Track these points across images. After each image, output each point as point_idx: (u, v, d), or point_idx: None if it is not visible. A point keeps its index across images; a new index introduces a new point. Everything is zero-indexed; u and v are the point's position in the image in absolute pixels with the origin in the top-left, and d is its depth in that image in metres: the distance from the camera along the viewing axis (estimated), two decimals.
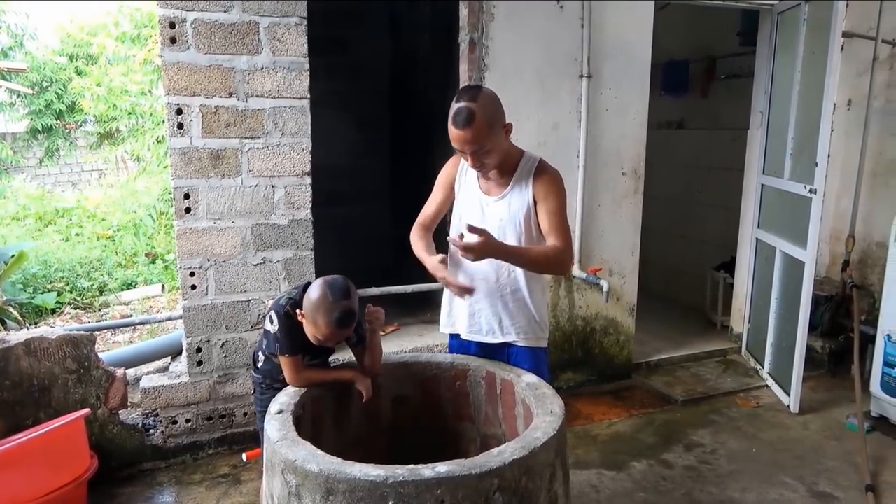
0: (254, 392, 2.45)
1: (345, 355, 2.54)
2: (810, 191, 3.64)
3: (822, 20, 3.63)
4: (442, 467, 1.62)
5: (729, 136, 5.20)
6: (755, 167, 4.48)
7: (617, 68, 3.88)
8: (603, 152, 3.94)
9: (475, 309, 2.36)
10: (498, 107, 2.15)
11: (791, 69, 3.95)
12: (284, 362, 2.17)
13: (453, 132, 2.08)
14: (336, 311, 2.04)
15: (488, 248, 2.03)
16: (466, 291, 2.21)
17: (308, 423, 2.09)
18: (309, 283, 2.21)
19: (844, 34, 4.10)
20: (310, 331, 2.13)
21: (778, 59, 4.19)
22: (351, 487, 1.59)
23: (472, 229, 2.01)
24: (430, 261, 2.24)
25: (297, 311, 2.14)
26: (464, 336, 2.43)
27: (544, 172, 2.25)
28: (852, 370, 3.87)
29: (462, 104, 2.06)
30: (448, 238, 2.11)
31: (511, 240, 2.24)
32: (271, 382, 2.32)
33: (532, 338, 2.36)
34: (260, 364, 2.37)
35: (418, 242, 2.36)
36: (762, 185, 4.38)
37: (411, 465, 1.62)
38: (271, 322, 2.18)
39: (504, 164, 2.25)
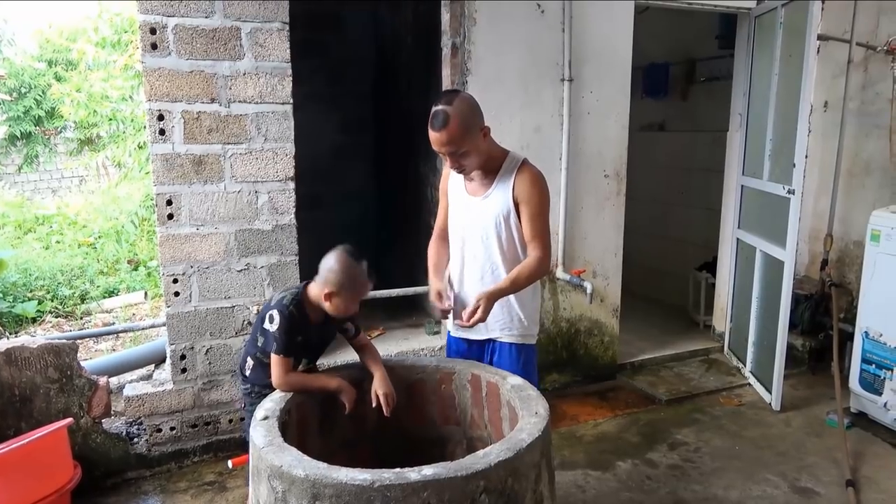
0: (244, 406, 2.44)
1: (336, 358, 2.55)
2: (789, 191, 3.69)
3: (797, 24, 3.70)
4: (428, 470, 1.63)
5: (709, 138, 5.27)
6: (735, 168, 4.54)
7: (598, 71, 3.91)
8: (585, 155, 3.97)
9: (460, 308, 2.43)
10: (474, 110, 2.21)
11: (769, 72, 4.01)
12: (275, 361, 2.19)
13: (431, 134, 2.18)
14: (363, 269, 2.24)
15: (489, 304, 2.20)
16: (445, 314, 2.43)
17: (294, 429, 2.09)
18: (303, 284, 2.31)
19: (820, 37, 4.17)
20: (342, 302, 2.21)
21: (756, 62, 4.25)
22: (337, 492, 1.60)
23: (470, 314, 2.18)
24: (432, 285, 2.46)
25: (325, 291, 2.19)
26: (453, 334, 2.54)
27: (525, 172, 2.30)
28: (832, 367, 3.94)
29: (438, 107, 2.15)
30: (455, 322, 2.34)
31: (492, 239, 2.34)
32: (261, 390, 2.32)
33: (516, 335, 2.43)
34: (248, 372, 2.37)
35: (431, 258, 2.58)
36: (742, 185, 4.44)
37: (397, 469, 1.63)
38: (271, 321, 2.21)
39: (487, 165, 2.31)
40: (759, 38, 4.20)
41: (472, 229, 2.38)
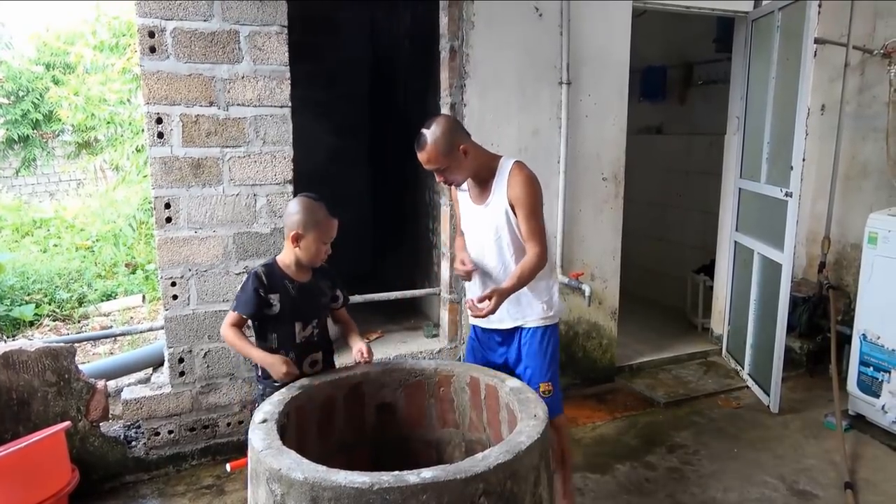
0: (256, 405, 2.44)
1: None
2: (786, 194, 3.70)
3: (795, 27, 3.71)
4: (427, 473, 1.63)
5: (706, 141, 5.28)
6: (732, 171, 4.55)
7: (596, 75, 3.92)
8: (583, 158, 3.98)
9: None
10: (451, 131, 2.41)
11: (766, 75, 4.02)
12: (229, 316, 2.30)
13: (417, 154, 2.42)
14: (323, 204, 2.29)
15: (501, 298, 2.37)
16: (467, 275, 2.59)
17: (292, 432, 2.09)
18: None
19: (817, 41, 4.19)
20: (310, 243, 2.26)
21: (753, 66, 4.27)
22: (336, 495, 1.60)
23: (480, 300, 2.37)
24: (457, 255, 2.69)
25: (292, 235, 2.25)
26: (483, 326, 2.70)
27: (514, 176, 2.46)
28: (830, 370, 3.94)
29: (421, 131, 2.40)
30: (467, 306, 2.46)
31: (499, 242, 2.52)
32: (270, 390, 2.32)
33: (537, 319, 2.61)
34: (261, 370, 2.37)
35: (458, 242, 2.79)
36: (739, 188, 4.45)
37: (396, 472, 1.63)
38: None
39: (481, 175, 2.51)
40: (757, 41, 4.22)
41: (481, 235, 2.57)
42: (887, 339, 3.56)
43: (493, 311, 2.35)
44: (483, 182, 2.52)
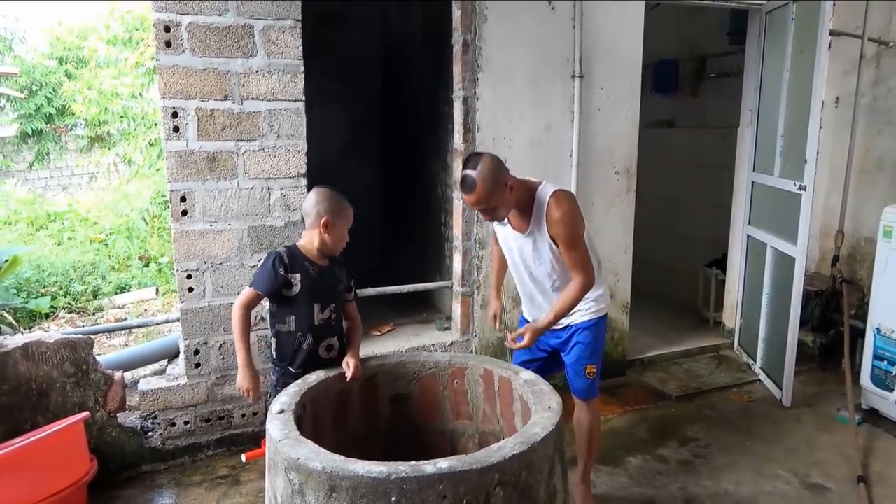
0: (270, 395, 2.47)
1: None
2: (800, 187, 3.68)
3: (809, 19, 3.68)
4: (443, 463, 1.65)
5: (719, 135, 5.26)
6: (745, 165, 4.53)
7: (608, 68, 3.91)
8: (595, 152, 3.97)
9: (546, 307, 2.68)
10: (498, 170, 2.39)
11: (780, 68, 4.00)
12: (244, 292, 2.33)
13: (462, 196, 2.43)
14: (342, 194, 2.40)
15: (536, 334, 2.49)
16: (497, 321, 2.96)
17: (308, 424, 2.12)
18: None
19: (831, 33, 4.16)
20: (338, 229, 2.36)
21: (767, 58, 4.24)
22: (354, 484, 1.62)
23: (514, 338, 2.48)
24: (491, 306, 3.00)
25: (323, 221, 2.31)
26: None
27: (551, 211, 2.46)
28: (843, 364, 3.93)
29: (465, 172, 2.38)
30: (506, 344, 2.55)
31: (543, 268, 2.59)
32: (286, 379, 2.35)
33: (587, 314, 2.69)
34: (275, 353, 2.42)
35: (494, 275, 3.03)
36: (752, 182, 4.43)
37: (413, 462, 1.65)
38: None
39: (520, 206, 2.52)
40: (771, 33, 4.19)
41: (525, 260, 2.62)
42: None
43: (528, 346, 2.46)
44: (522, 210, 2.52)
